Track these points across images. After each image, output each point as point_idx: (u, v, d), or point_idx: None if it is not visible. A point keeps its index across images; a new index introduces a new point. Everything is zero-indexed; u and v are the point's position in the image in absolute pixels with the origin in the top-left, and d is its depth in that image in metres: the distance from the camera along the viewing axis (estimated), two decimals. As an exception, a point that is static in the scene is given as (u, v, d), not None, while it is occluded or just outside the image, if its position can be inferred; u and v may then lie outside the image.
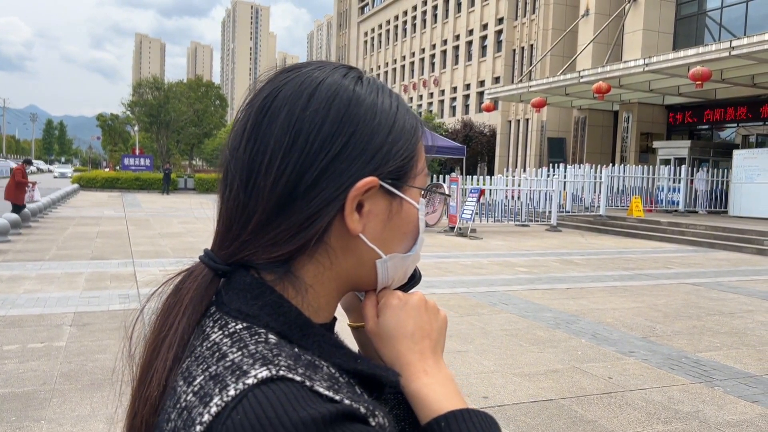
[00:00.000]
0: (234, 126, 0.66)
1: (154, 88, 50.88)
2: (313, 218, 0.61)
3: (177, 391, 0.56)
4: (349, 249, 0.64)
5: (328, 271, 0.64)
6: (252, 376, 0.51)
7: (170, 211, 21.69)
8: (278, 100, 0.63)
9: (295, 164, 0.60)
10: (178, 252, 11.30)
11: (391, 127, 0.65)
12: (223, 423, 0.49)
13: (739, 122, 24.91)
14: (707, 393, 4.61)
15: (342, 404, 0.52)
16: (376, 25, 65.30)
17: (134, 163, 41.50)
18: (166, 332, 0.62)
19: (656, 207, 21.66)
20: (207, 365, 0.55)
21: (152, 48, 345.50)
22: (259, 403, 0.50)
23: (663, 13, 26.35)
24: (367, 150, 0.63)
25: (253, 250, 0.62)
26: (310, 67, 0.66)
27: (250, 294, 0.61)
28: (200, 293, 0.63)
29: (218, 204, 0.66)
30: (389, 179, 0.64)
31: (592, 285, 9.14)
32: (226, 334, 0.58)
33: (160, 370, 0.59)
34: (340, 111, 0.62)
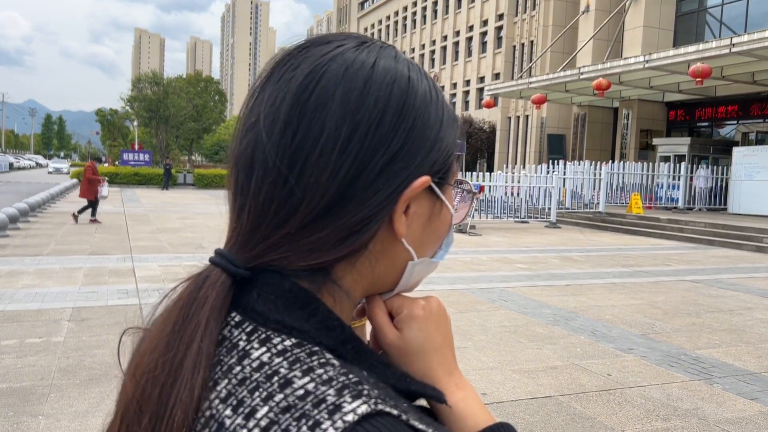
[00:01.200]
0: (251, 105, 0.56)
1: (154, 83, 50.84)
2: (367, 221, 0.54)
3: (226, 424, 0.46)
4: (387, 253, 0.58)
5: (367, 279, 0.58)
6: (350, 411, 0.44)
7: (169, 207, 21.68)
8: (327, 80, 0.53)
9: (354, 160, 0.52)
10: (177, 247, 11.29)
11: (442, 119, 0.59)
12: None
13: (739, 119, 24.89)
14: (706, 390, 4.60)
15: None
16: (375, 20, 65.18)
17: (133, 159, 41.47)
18: (185, 352, 0.50)
19: (655, 204, 21.66)
20: (268, 393, 0.46)
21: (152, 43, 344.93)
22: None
23: (663, 10, 26.30)
24: (424, 146, 0.56)
25: (284, 255, 0.53)
26: (350, 43, 0.57)
27: (297, 306, 0.52)
28: (221, 303, 0.52)
29: (235, 196, 0.56)
30: (437, 179, 0.58)
31: (591, 282, 9.14)
32: (275, 352, 0.49)
33: (185, 399, 0.48)
34: (400, 101, 0.55)
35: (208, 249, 11.26)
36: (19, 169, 68.09)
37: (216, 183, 36.66)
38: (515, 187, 20.65)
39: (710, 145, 24.00)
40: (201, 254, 10.64)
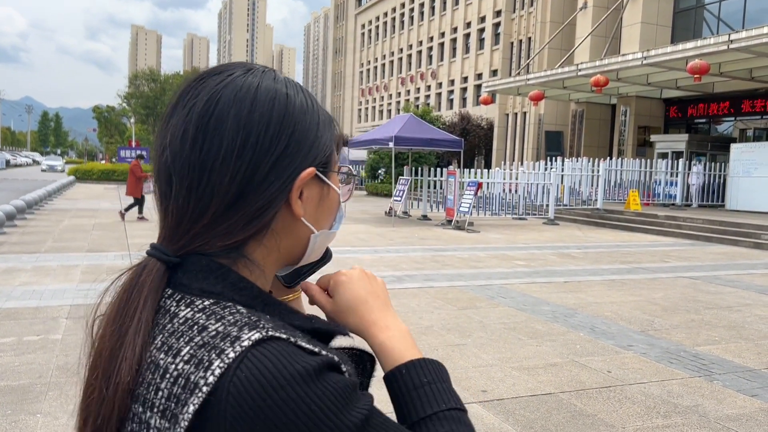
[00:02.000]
0: (165, 128, 0.70)
1: (151, 80, 50.66)
2: (265, 208, 0.69)
3: (160, 364, 0.61)
4: (290, 230, 0.73)
5: (274, 252, 0.73)
6: (246, 339, 0.59)
7: (167, 204, 21.59)
8: (222, 104, 0.68)
9: (249, 162, 0.67)
10: (174, 244, 11.25)
11: (318, 123, 0.74)
12: (230, 381, 0.56)
13: (737, 116, 24.90)
14: (706, 387, 4.60)
15: (323, 356, 0.61)
16: (373, 17, 65.05)
17: (130, 156, 41.32)
18: (129, 322, 0.65)
19: (653, 201, 21.67)
20: (189, 337, 0.61)
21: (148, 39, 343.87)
22: (259, 361, 0.57)
23: (661, 6, 26.28)
24: (305, 145, 0.71)
25: (205, 241, 0.68)
26: (238, 71, 0.72)
27: (212, 275, 0.67)
28: (156, 284, 0.67)
29: (161, 201, 0.71)
30: (320, 168, 0.74)
31: (589, 278, 9.13)
32: (196, 310, 0.64)
33: (129, 356, 0.63)
34: (281, 113, 0.70)
35: (206, 246, 11.26)
36: (16, 167, 67.87)
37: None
38: (513, 184, 20.64)
39: (708, 142, 24.01)
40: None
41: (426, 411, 0.70)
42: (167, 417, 0.59)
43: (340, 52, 75.28)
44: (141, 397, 0.62)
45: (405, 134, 16.64)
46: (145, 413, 0.61)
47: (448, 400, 0.71)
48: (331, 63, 79.24)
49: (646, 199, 21.17)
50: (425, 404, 0.70)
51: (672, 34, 26.36)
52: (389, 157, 30.30)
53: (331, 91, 78.76)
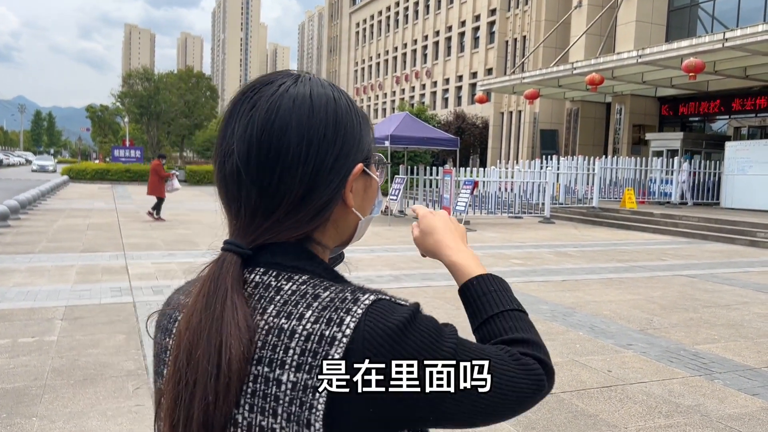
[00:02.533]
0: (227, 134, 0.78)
1: (144, 79, 50.43)
2: (327, 203, 0.78)
3: (284, 328, 0.71)
4: (343, 218, 0.83)
5: (333, 238, 0.84)
6: (365, 299, 0.71)
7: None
8: (283, 113, 0.76)
9: (313, 164, 0.76)
10: (170, 245, 11.19)
11: (359, 122, 0.83)
12: (363, 329, 0.68)
13: (731, 114, 24.96)
14: (707, 386, 4.58)
15: (413, 304, 0.74)
16: (367, 15, 64.96)
17: (124, 155, 41.19)
18: (221, 307, 0.72)
19: (649, 199, 21.70)
20: (306, 304, 0.72)
21: (142, 38, 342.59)
22: (380, 314, 0.70)
23: (656, 5, 26.31)
24: (354, 143, 0.81)
25: (274, 234, 0.77)
26: (288, 81, 0.80)
27: (302, 257, 0.78)
28: (238, 273, 0.75)
29: (229, 203, 0.79)
30: (365, 163, 0.83)
31: (587, 277, 9.12)
32: (299, 283, 0.75)
33: (235, 333, 0.70)
34: (333, 117, 0.78)
35: (201, 246, 11.18)
36: (9, 166, 67.48)
37: (208, 179, 36.40)
38: (509, 182, 20.63)
39: (703, 140, 24.06)
40: (195, 251, 10.56)
41: (494, 310, 0.85)
42: (304, 369, 0.68)
43: (335, 50, 75.16)
44: (265, 359, 0.70)
45: (400, 133, 16.61)
46: (273, 372, 0.69)
47: (510, 303, 0.86)
48: (326, 62, 79.11)
49: (641, 198, 21.20)
50: (492, 305, 0.85)
51: (666, 33, 26.39)
52: (385, 155, 30.25)
53: (326, 90, 78.60)
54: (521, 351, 0.79)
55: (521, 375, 0.76)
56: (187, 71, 58.23)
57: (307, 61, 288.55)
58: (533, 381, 0.76)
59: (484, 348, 0.77)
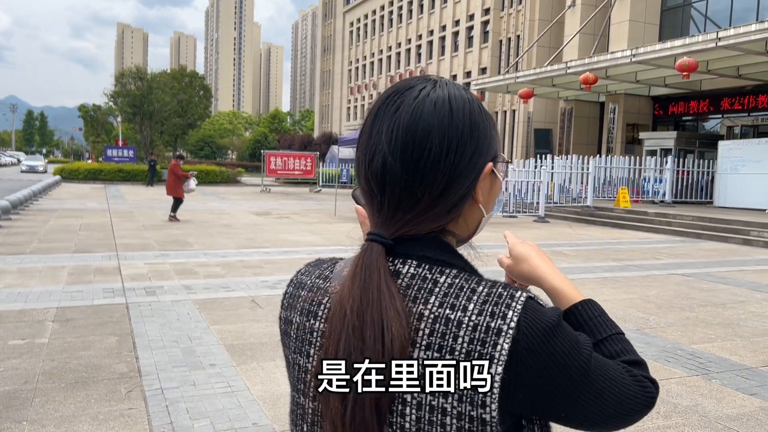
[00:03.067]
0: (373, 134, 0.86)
1: (137, 78, 50.15)
2: (462, 198, 0.85)
3: (451, 318, 0.78)
4: (470, 213, 0.90)
5: (462, 228, 0.90)
6: (523, 297, 0.79)
7: (154, 203, 21.42)
8: (426, 115, 0.83)
9: (452, 162, 0.83)
10: (163, 245, 11.11)
11: (489, 123, 0.89)
12: (523, 324, 0.77)
13: (724, 113, 25.04)
14: (705, 386, 4.55)
15: (558, 309, 0.83)
16: (361, 15, 64.87)
17: (117, 155, 40.99)
18: (377, 291, 0.79)
19: (642, 198, 21.73)
20: (467, 297, 0.79)
21: (135, 38, 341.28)
22: (536, 311, 0.79)
23: (649, 4, 26.36)
24: (486, 142, 0.87)
25: (414, 226, 0.84)
26: (428, 86, 0.86)
27: (446, 250, 0.86)
28: (384, 262, 0.82)
29: (372, 198, 0.87)
30: (492, 162, 0.89)
31: (582, 276, 9.10)
32: (452, 276, 0.82)
33: (394, 316, 0.77)
34: (469, 119, 0.85)
35: (195, 246, 11.12)
36: (1, 166, 67.09)
37: (201, 179, 36.20)
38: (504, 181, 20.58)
39: (696, 139, 24.12)
40: (188, 251, 10.49)
41: (602, 334, 0.92)
42: (473, 357, 0.76)
43: (329, 50, 75.05)
44: (434, 345, 0.77)
45: (395, 132, 16.52)
46: (442, 358, 0.77)
47: (613, 327, 0.94)
48: (320, 61, 78.99)
49: (635, 197, 21.22)
50: (600, 330, 0.92)
51: (660, 32, 26.46)
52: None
53: (320, 89, 78.53)
54: (636, 371, 0.87)
55: (639, 392, 0.85)
56: (180, 70, 57.95)
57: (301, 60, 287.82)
58: (647, 398, 0.86)
59: (609, 363, 0.85)
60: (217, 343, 5.31)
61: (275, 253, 10.51)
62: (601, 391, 0.81)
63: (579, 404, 0.80)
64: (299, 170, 33.83)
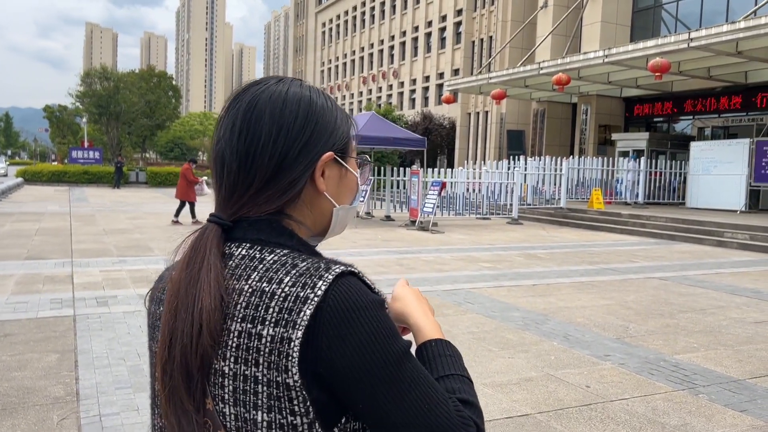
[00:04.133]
0: (220, 125, 0.92)
1: (103, 78, 48.91)
2: (295, 181, 0.89)
3: (266, 290, 0.81)
4: (316, 202, 0.93)
5: (308, 217, 0.93)
6: (336, 268, 0.82)
7: (119, 206, 20.73)
8: (260, 104, 0.90)
9: (282, 147, 0.88)
10: (122, 250, 10.57)
11: (336, 118, 0.94)
12: (331, 294, 0.79)
13: (695, 115, 25.16)
14: (692, 402, 4.26)
15: (381, 294, 0.86)
16: (334, 15, 64.39)
17: (83, 156, 39.92)
18: (199, 266, 0.83)
19: (615, 199, 21.68)
20: (286, 271, 0.82)
21: (104, 38, 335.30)
22: (348, 285, 0.81)
23: (620, 6, 26.41)
24: (324, 135, 0.92)
25: (250, 208, 0.88)
26: (272, 81, 0.93)
27: (284, 234, 0.89)
28: (217, 240, 0.87)
29: (216, 180, 0.92)
30: (338, 153, 0.94)
31: (558, 281, 8.83)
32: (280, 255, 0.85)
33: (205, 288, 0.81)
34: (306, 110, 0.91)
35: (156, 251, 10.58)
36: (-38, 168, 65.01)
37: (170, 181, 35.38)
38: (476, 183, 20.38)
39: (668, 140, 24.19)
40: (148, 257, 9.97)
41: (447, 371, 0.90)
42: (281, 324, 0.78)
43: (301, 50, 74.38)
44: (248, 317, 0.80)
45: (367, 133, 16.18)
46: (255, 327, 0.79)
47: (463, 371, 0.92)
48: (292, 62, 78.26)
49: (607, 198, 21.16)
50: (446, 367, 0.91)
51: (631, 33, 26.52)
52: (351, 156, 29.81)
53: (292, 90, 77.76)
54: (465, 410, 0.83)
55: (456, 423, 0.80)
56: (148, 70, 56.69)
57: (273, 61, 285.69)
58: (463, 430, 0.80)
59: (432, 381, 0.82)
60: (168, 361, 4.86)
61: (240, 259, 10.05)
62: (403, 395, 0.78)
63: (375, 399, 0.78)
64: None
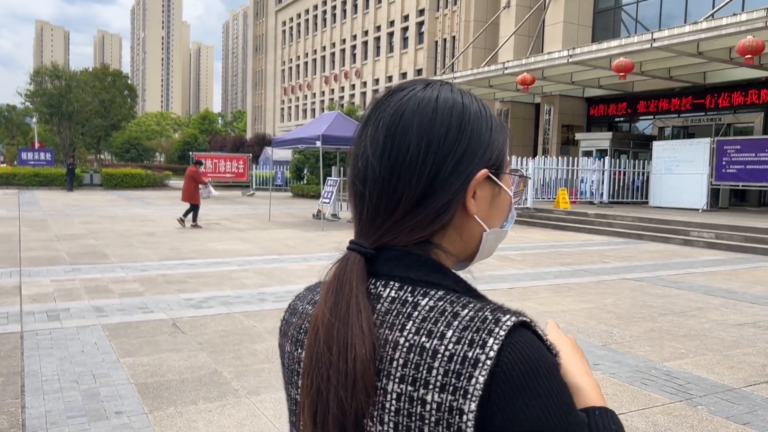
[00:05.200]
0: (360, 139, 0.81)
1: (55, 77, 47.21)
2: (447, 205, 0.76)
3: (426, 347, 0.69)
4: (465, 227, 0.80)
5: (456, 244, 0.80)
6: (509, 321, 0.69)
7: (72, 210, 19.86)
8: (407, 115, 0.77)
9: (432, 164, 0.75)
10: (75, 258, 9.96)
11: (491, 128, 0.81)
12: (505, 355, 0.66)
13: (656, 114, 25.51)
14: (693, 415, 4.04)
15: (554, 350, 0.73)
16: (294, 14, 63.68)
17: (33, 158, 38.41)
18: (347, 305, 0.73)
19: (579, 198, 21.78)
20: (447, 323, 0.70)
21: (54, 36, 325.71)
22: (524, 343, 0.68)
23: (582, 7, 26.61)
24: (480, 148, 0.78)
25: (395, 235, 0.77)
26: (418, 87, 0.80)
27: (431, 269, 0.76)
28: (361, 273, 0.76)
29: (356, 203, 0.81)
30: (493, 170, 0.80)
31: (534, 284, 8.62)
32: (436, 299, 0.73)
33: (358, 333, 0.71)
34: (458, 119, 0.78)
35: (112, 258, 10.00)
36: None
37: (126, 183, 34.30)
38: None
39: (630, 140, 24.44)
40: (104, 265, 9.40)
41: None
42: (448, 390, 0.67)
43: (261, 49, 73.37)
44: (408, 377, 0.69)
45: (333, 133, 15.82)
46: (417, 391, 0.68)
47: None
48: (252, 61, 77.13)
49: (572, 198, 21.22)
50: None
51: (593, 34, 26.75)
52: (315, 156, 29.34)
53: (252, 89, 76.66)
54: None
55: None
56: (102, 69, 54.93)
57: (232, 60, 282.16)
58: None
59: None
60: (127, 382, 4.43)
61: (202, 265, 9.57)
62: None
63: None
64: (231, 173, 32.60)
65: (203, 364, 4.87)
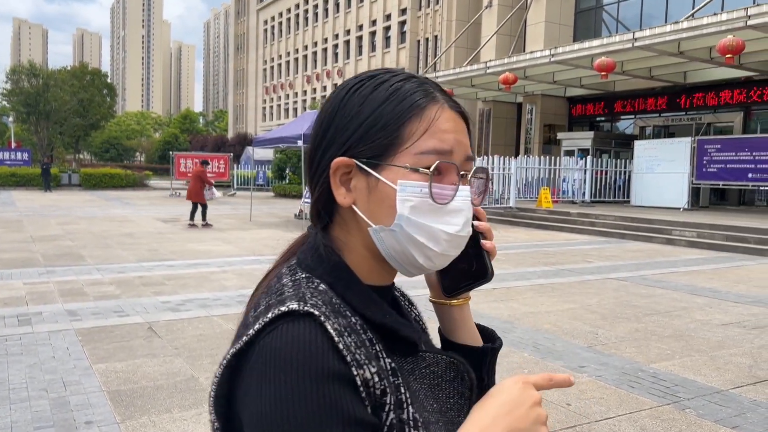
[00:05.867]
0: None
1: (32, 75, 46.39)
2: (320, 193, 0.77)
3: (244, 320, 0.74)
4: (355, 220, 0.76)
5: (352, 237, 0.77)
6: (281, 309, 0.67)
7: (49, 210, 19.48)
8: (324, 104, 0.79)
9: (312, 151, 0.77)
10: (50, 259, 9.71)
11: (371, 114, 0.73)
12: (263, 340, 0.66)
13: (637, 114, 25.65)
14: (681, 419, 3.97)
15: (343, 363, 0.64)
16: (276, 13, 63.28)
17: (10, 158, 37.74)
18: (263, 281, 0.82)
19: (561, 198, 21.81)
20: (269, 299, 0.72)
21: (32, 34, 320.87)
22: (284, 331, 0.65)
23: (563, 6, 26.68)
24: (342, 135, 0.74)
25: (316, 221, 0.80)
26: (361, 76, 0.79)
27: (315, 253, 0.77)
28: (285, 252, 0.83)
29: None
30: (364, 159, 0.73)
31: (518, 284, 8.54)
32: (293, 279, 0.74)
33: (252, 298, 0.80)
34: (338, 104, 0.75)
35: (88, 260, 9.76)
36: None
37: (105, 183, 33.81)
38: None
39: (612, 139, 24.55)
40: (80, 266, 9.16)
41: None
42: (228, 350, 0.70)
43: (242, 49, 72.83)
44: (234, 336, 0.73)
45: (314, 132, 15.65)
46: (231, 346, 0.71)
47: None
48: (233, 60, 76.55)
49: (554, 197, 21.24)
50: None
51: (574, 34, 26.83)
52: (297, 156, 29.13)
53: (234, 89, 76.08)
54: None
55: None
56: (81, 68, 54.08)
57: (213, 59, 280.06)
58: None
59: None
60: (99, 390, 4.26)
61: (181, 267, 9.37)
62: None
63: None
64: (212, 172, 32.23)
65: (179, 369, 4.71)
